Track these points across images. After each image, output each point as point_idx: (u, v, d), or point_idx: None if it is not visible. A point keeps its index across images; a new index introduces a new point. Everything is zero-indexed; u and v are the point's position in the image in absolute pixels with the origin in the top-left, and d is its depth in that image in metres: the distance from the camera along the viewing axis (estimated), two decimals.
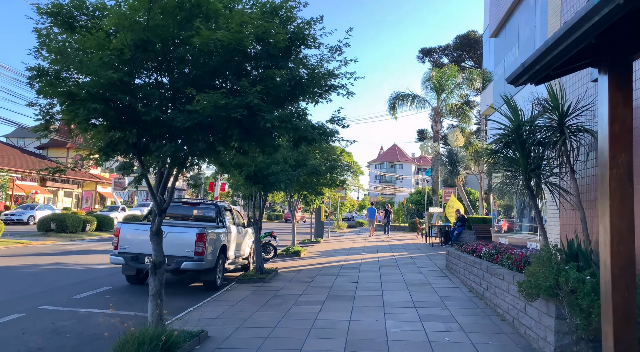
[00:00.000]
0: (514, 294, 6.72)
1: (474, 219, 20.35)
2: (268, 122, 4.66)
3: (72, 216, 23.36)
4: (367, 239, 25.80)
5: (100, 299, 9.13)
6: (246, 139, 5.16)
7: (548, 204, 8.45)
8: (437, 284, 10.47)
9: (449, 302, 8.57)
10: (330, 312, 7.80)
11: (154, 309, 5.53)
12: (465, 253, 11.10)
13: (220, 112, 4.58)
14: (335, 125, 6.25)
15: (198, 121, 4.77)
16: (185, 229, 9.99)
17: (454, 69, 26.56)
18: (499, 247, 9.66)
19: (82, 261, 14.71)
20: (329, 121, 6.22)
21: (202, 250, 9.80)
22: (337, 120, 6.22)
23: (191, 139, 4.92)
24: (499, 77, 13.61)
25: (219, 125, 4.87)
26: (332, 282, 10.79)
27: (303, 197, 18.85)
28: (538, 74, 4.45)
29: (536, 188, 7.16)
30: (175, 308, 8.55)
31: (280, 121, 4.74)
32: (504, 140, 7.38)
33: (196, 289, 10.53)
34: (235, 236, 12.04)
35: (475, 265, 9.38)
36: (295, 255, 16.57)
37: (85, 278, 11.41)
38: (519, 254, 7.77)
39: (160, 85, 5.13)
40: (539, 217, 7.18)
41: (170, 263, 9.70)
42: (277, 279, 11.41)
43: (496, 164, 7.75)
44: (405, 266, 13.59)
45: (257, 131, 5.06)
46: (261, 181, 10.95)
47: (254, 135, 5.15)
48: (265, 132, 5.08)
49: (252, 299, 9.01)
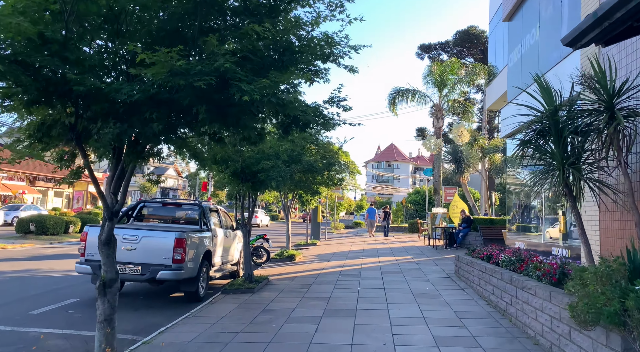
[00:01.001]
0: (552, 314, 5.52)
1: (481, 220, 19.18)
2: (245, 95, 3.44)
3: (53, 217, 22.02)
4: (366, 241, 24.59)
5: (60, 315, 7.88)
6: (218, 119, 3.92)
7: (585, 205, 7.24)
8: (448, 295, 9.26)
9: (465, 318, 7.36)
10: (328, 332, 6.58)
11: (101, 340, 4.29)
12: (479, 259, 9.90)
13: (179, 80, 3.36)
14: (335, 107, 5.02)
15: (151, 94, 3.54)
16: (162, 233, 8.75)
17: (457, 63, 25.42)
18: (519, 253, 8.46)
19: (56, 266, 13.44)
20: (327, 102, 5.00)
21: (182, 257, 8.57)
22: (337, 101, 5.00)
23: (143, 119, 3.69)
24: (514, 64, 12.45)
25: (181, 100, 3.65)
26: (329, 293, 9.57)
27: (298, 197, 17.62)
28: (614, 27, 3.24)
29: (575, 185, 5.96)
30: (148, 325, 7.35)
31: (262, 94, 3.53)
32: (536, 129, 6.17)
33: (176, 301, 9.30)
34: (222, 240, 10.81)
35: (494, 274, 8.18)
36: (290, 259, 15.33)
37: (52, 288, 10.16)
38: (551, 264, 6.56)
39: (102, 49, 3.89)
40: (579, 220, 5.97)
41: (145, 272, 8.49)
42: (268, 288, 10.17)
43: (523, 157, 6.52)
44: (410, 273, 12.38)
45: (232, 109, 3.83)
46: (250, 179, 9.71)
47: (229, 115, 3.91)
48: (243, 111, 3.85)
49: (238, 314, 7.78)
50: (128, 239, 8.61)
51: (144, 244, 8.61)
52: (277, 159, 9.70)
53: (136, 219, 10.58)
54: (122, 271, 8.56)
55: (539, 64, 9.66)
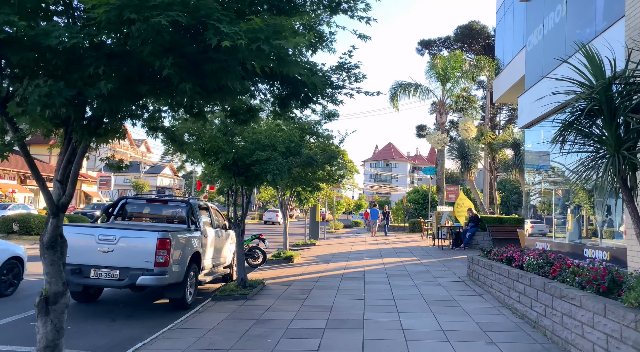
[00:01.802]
0: (608, 332, 4.53)
1: (489, 219, 18.20)
2: (226, 39, 2.45)
3: (38, 216, 20.90)
4: (367, 241, 23.59)
5: (23, 327, 6.85)
6: (191, 78, 2.89)
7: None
8: (465, 302, 8.26)
9: (491, 331, 6.36)
10: (333, 350, 5.58)
11: None
12: (497, 262, 8.92)
13: (129, 13, 2.35)
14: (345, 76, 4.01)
15: (98, 41, 2.53)
16: (143, 232, 7.72)
17: (460, 56, 24.43)
18: (546, 256, 7.48)
19: (33, 270, 12.33)
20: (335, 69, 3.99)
21: (165, 260, 7.55)
22: (348, 68, 3.99)
23: (86, 76, 2.68)
24: (534, 47, 11.45)
25: (141, 50, 2.64)
26: (332, 300, 8.57)
27: (297, 194, 16.61)
28: None
29: (630, 174, 4.96)
30: (124, 339, 6.37)
31: (250, 39, 2.52)
32: (582, 108, 5.17)
33: (160, 309, 8.28)
34: (214, 241, 9.79)
35: (520, 279, 7.18)
36: (288, 261, 14.31)
37: (22, 295, 9.14)
38: (595, 270, 5.58)
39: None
40: (636, 217, 4.97)
41: (123, 277, 7.48)
42: (263, 294, 9.16)
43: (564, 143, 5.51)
44: (418, 276, 11.37)
45: (209, 65, 2.83)
46: (243, 172, 8.70)
47: (207, 74, 2.90)
48: (223, 68, 2.84)
49: (228, 326, 6.77)
50: (104, 240, 7.59)
51: (122, 245, 7.59)
52: (274, 151, 8.68)
53: (118, 218, 9.54)
54: (97, 275, 7.56)
55: (567, 43, 8.69)
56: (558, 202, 10.60)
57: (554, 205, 10.92)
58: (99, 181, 49.39)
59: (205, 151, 8.37)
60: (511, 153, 21.90)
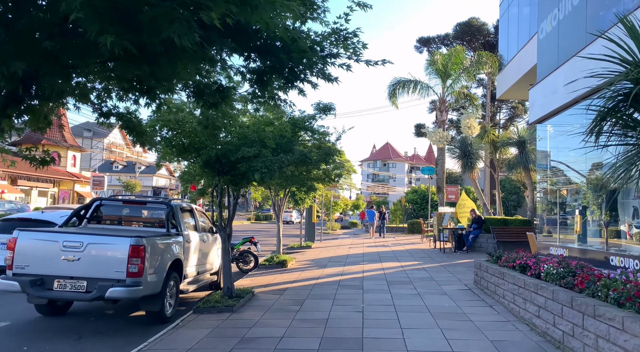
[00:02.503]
0: None
1: (493, 221, 17.37)
2: None
3: None
4: (365, 243, 22.74)
5: None
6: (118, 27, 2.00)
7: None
8: (475, 315, 7.41)
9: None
10: None
11: None
12: (509, 269, 8.08)
13: None
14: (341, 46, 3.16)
15: None
16: (113, 238, 6.84)
17: (461, 51, 23.58)
18: (567, 264, 6.64)
19: None
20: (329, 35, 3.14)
21: (139, 269, 6.67)
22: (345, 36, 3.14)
23: None
24: (547, 34, 10.60)
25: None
26: (327, 312, 7.71)
27: (291, 194, 15.74)
28: None
29: None
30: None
31: None
32: (623, 92, 4.33)
33: (136, 323, 7.42)
34: (198, 246, 8.93)
35: (540, 292, 6.34)
36: (281, 266, 13.44)
37: None
38: (638, 284, 4.74)
39: None
40: None
41: (91, 289, 6.60)
42: (251, 305, 8.30)
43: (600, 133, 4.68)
44: (421, 283, 10.52)
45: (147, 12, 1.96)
46: (228, 171, 7.83)
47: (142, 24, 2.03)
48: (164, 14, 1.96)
49: (208, 346, 5.91)
50: (69, 247, 6.70)
51: (90, 253, 6.71)
52: (263, 147, 7.81)
53: (91, 221, 8.65)
54: (61, 287, 6.68)
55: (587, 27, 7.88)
56: (574, 202, 9.77)
57: (570, 205, 10.09)
58: (92, 181, 48.41)
59: (185, 147, 7.51)
60: (515, 151, 21.08)
